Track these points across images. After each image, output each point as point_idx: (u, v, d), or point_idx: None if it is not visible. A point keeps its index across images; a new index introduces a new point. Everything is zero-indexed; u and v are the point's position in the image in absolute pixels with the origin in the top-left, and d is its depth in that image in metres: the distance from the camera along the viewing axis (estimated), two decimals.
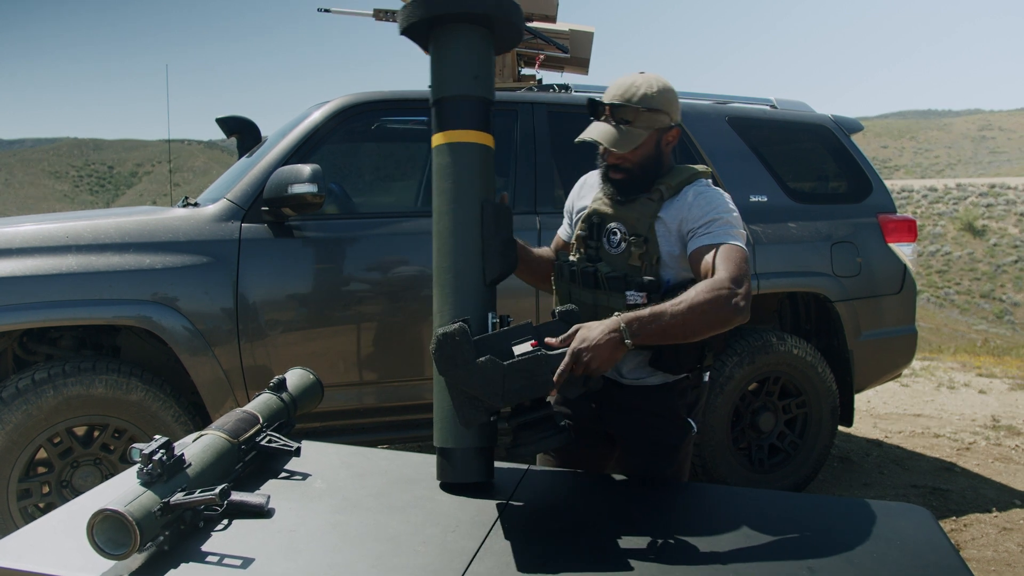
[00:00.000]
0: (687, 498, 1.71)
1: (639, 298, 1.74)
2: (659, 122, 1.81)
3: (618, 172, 1.83)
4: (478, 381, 1.47)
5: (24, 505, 2.66)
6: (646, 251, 1.79)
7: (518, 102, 3.39)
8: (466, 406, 1.50)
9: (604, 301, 1.80)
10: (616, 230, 1.84)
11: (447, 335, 1.48)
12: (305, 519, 1.45)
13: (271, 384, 1.86)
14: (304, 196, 2.71)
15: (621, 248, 1.83)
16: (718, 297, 1.60)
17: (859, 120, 4.16)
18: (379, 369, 3.07)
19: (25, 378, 2.61)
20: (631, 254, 1.80)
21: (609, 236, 1.86)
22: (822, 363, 3.66)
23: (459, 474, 1.66)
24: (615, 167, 1.83)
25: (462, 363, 1.47)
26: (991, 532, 3.41)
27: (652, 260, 1.79)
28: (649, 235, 1.79)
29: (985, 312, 31.22)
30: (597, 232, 1.87)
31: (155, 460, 1.33)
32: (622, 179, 1.83)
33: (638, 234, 1.80)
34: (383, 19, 4.15)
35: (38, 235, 2.73)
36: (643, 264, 1.79)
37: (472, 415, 1.50)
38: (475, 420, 1.51)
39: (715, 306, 1.59)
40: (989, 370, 7.39)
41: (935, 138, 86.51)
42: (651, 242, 1.79)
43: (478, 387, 1.47)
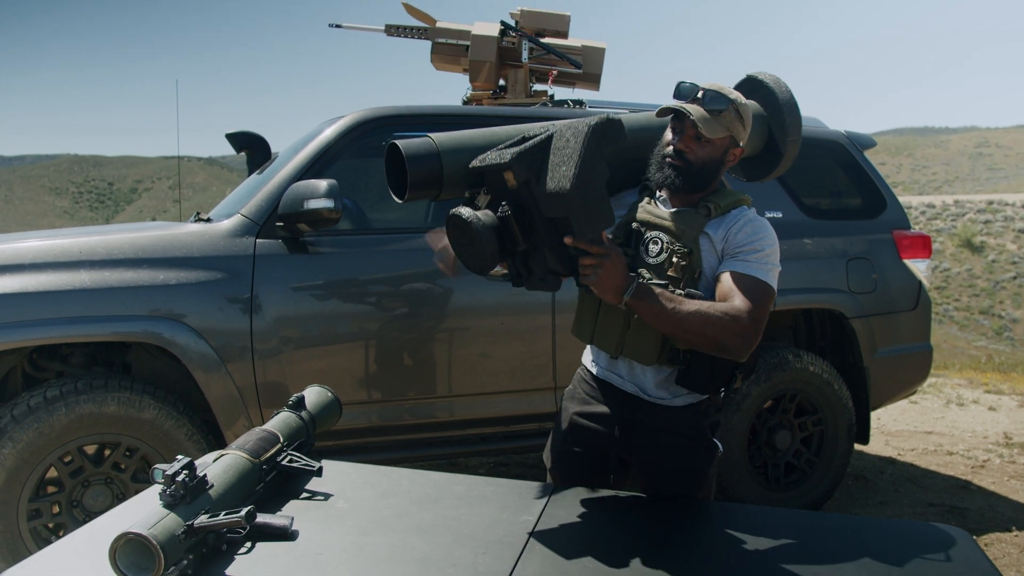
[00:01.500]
0: (719, 519, 1.67)
1: None
2: (736, 131, 1.80)
3: (680, 160, 1.77)
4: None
5: (34, 525, 2.61)
6: (689, 263, 1.74)
7: (532, 117, 3.37)
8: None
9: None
10: (657, 239, 1.79)
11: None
12: (330, 541, 1.41)
13: (290, 402, 1.83)
14: (320, 212, 2.68)
15: (662, 258, 1.77)
16: (731, 323, 1.61)
17: None
18: (394, 386, 3.04)
19: (37, 395, 2.57)
20: (672, 264, 1.75)
21: (648, 245, 1.80)
22: (838, 380, 3.62)
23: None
24: (680, 154, 1.77)
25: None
26: (1013, 552, 3.36)
27: (694, 274, 1.74)
28: (694, 247, 1.75)
29: (984, 328, 31.21)
30: (635, 240, 1.82)
31: (178, 481, 1.29)
32: (681, 168, 1.77)
33: (683, 245, 1.75)
34: (395, 35, 4.16)
35: (50, 251, 2.71)
36: (683, 276, 1.74)
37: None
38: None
39: (722, 330, 1.60)
40: (997, 387, 7.35)
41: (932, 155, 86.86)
42: (695, 255, 1.74)
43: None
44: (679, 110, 1.76)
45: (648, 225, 1.82)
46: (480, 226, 1.53)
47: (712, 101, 1.75)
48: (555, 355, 3.21)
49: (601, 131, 1.52)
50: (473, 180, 1.65)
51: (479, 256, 1.57)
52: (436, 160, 1.62)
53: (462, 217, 1.56)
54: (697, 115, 1.74)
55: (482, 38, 3.93)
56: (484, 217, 1.56)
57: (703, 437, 1.85)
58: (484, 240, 1.54)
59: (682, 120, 1.77)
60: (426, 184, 1.64)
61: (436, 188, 1.66)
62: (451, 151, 1.64)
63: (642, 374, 1.85)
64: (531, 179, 1.53)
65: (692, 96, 1.78)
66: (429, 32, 4.15)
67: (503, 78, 4.07)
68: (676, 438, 1.83)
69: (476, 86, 4.03)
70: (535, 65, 4.02)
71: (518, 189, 1.55)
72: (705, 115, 1.75)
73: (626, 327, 1.76)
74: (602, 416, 1.89)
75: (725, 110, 1.76)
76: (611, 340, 1.80)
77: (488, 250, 1.55)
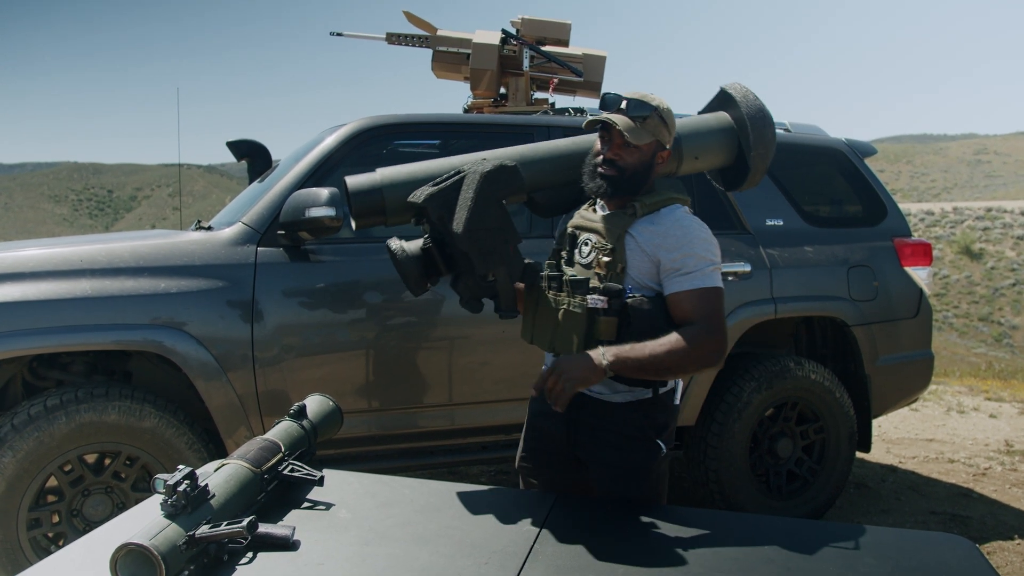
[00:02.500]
0: (722, 528, 1.67)
1: (600, 302, 1.77)
2: (662, 136, 1.89)
3: (611, 168, 1.86)
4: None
5: (33, 535, 2.60)
6: (612, 260, 1.83)
7: (534, 125, 3.37)
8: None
9: (565, 304, 1.83)
10: (587, 240, 1.90)
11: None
12: (332, 551, 1.41)
13: (291, 411, 1.82)
14: (322, 220, 2.68)
15: (590, 258, 1.88)
16: (702, 346, 1.75)
17: None
18: (395, 395, 3.03)
19: (37, 404, 2.56)
20: (598, 262, 1.85)
21: (580, 247, 1.92)
22: (840, 388, 3.62)
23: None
24: (610, 163, 1.86)
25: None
26: (1015, 560, 3.35)
27: (616, 269, 1.83)
28: (617, 245, 1.84)
29: (984, 335, 31.21)
30: (570, 243, 1.94)
31: (179, 491, 1.29)
32: (613, 176, 1.86)
33: (607, 243, 1.85)
34: (396, 43, 4.16)
35: (51, 259, 2.70)
36: (608, 272, 1.83)
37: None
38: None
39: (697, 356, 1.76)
40: (997, 394, 7.33)
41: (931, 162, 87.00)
42: (618, 252, 1.84)
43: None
44: (606, 121, 1.84)
45: (581, 229, 1.94)
46: (402, 256, 1.79)
47: (636, 108, 1.85)
48: None
49: (492, 178, 1.73)
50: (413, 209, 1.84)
51: (407, 280, 1.82)
52: (378, 194, 1.86)
53: (390, 248, 1.82)
54: (623, 124, 1.83)
55: (483, 46, 3.93)
56: (409, 248, 1.81)
57: (644, 436, 1.91)
58: (405, 269, 1.80)
59: (609, 130, 1.86)
60: (369, 214, 1.88)
61: (380, 216, 1.89)
62: (392, 185, 1.86)
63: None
64: (444, 216, 1.73)
65: (616, 106, 1.87)
66: (430, 40, 4.15)
67: (504, 86, 4.08)
68: (617, 436, 1.91)
69: (477, 94, 4.03)
70: (536, 73, 4.02)
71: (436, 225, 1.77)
72: (631, 123, 1.84)
73: (556, 325, 1.85)
74: (553, 416, 1.95)
75: (649, 116, 1.85)
76: (545, 338, 1.91)
77: (410, 276, 1.80)
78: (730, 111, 2.10)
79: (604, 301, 1.77)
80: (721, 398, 3.42)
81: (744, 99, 2.06)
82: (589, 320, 1.78)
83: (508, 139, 3.37)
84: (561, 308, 1.83)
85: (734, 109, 2.09)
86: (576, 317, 1.79)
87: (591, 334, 1.78)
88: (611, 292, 1.78)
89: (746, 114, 2.05)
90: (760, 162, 2.07)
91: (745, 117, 2.04)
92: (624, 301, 1.78)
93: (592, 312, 1.77)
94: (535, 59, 3.99)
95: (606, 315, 1.77)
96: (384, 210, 1.86)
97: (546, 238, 3.18)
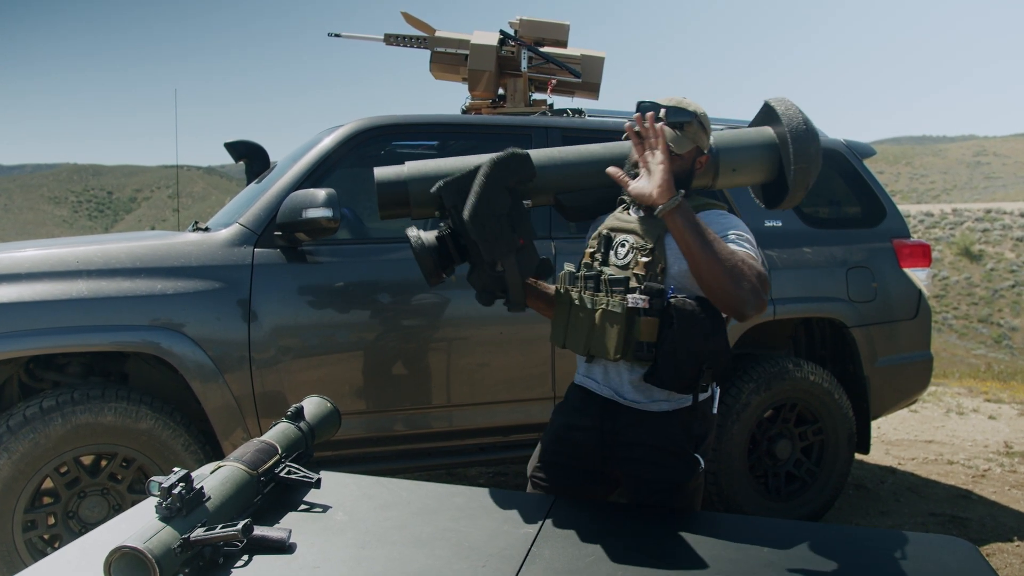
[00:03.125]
0: (720, 530, 1.66)
1: (641, 301, 1.71)
2: (701, 141, 1.86)
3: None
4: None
5: (29, 537, 2.59)
6: (651, 260, 1.78)
7: (532, 126, 3.37)
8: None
9: (604, 304, 1.77)
10: (624, 242, 1.85)
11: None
12: (328, 554, 1.40)
13: (288, 413, 1.81)
14: (319, 221, 2.67)
15: (628, 259, 1.83)
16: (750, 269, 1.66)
17: None
18: (393, 397, 3.02)
19: (33, 406, 2.55)
20: (637, 263, 1.80)
21: (617, 249, 1.86)
22: (839, 389, 3.61)
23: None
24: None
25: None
26: (1015, 563, 3.34)
27: (656, 270, 1.78)
28: (656, 246, 1.79)
29: (983, 337, 31.24)
30: (606, 245, 1.88)
31: (174, 494, 1.28)
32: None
33: (648, 245, 1.80)
34: (394, 44, 4.16)
35: (48, 260, 2.69)
36: (647, 273, 1.78)
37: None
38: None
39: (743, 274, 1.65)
40: (996, 395, 7.33)
41: (930, 164, 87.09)
42: (657, 252, 1.79)
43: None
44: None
45: (617, 231, 1.89)
46: (418, 246, 1.79)
47: (676, 115, 1.83)
48: (554, 365, 3.20)
49: (502, 164, 1.71)
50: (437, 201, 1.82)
51: (423, 270, 1.82)
52: (402, 186, 1.87)
53: (408, 235, 1.82)
54: (668, 135, 1.80)
55: (481, 47, 3.93)
56: (425, 238, 1.80)
57: (680, 450, 1.83)
58: (420, 258, 1.80)
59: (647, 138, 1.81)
60: (394, 205, 1.89)
61: (405, 208, 1.89)
62: (418, 178, 1.87)
63: (616, 376, 1.86)
64: (458, 204, 1.72)
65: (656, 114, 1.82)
66: (428, 41, 4.15)
67: (502, 87, 4.07)
68: (654, 452, 1.83)
69: (475, 95, 4.02)
70: (534, 74, 4.02)
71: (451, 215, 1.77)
72: (672, 132, 1.82)
73: (592, 326, 1.79)
74: (585, 428, 1.90)
75: (690, 123, 1.83)
76: (580, 340, 1.84)
77: (426, 265, 1.80)
78: (774, 126, 2.04)
79: (645, 300, 1.71)
80: (720, 399, 3.41)
81: (786, 113, 1.99)
82: (628, 320, 1.71)
83: (506, 140, 3.36)
84: (599, 308, 1.77)
85: (777, 124, 2.02)
86: (615, 317, 1.73)
87: (631, 335, 1.72)
88: (652, 292, 1.72)
89: (787, 128, 1.98)
90: (801, 178, 1.98)
91: (786, 131, 1.98)
92: (667, 301, 1.72)
93: (632, 312, 1.71)
94: (533, 60, 3.99)
95: (647, 315, 1.71)
96: (408, 202, 1.87)
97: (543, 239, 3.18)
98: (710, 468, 3.42)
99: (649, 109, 1.83)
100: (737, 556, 1.48)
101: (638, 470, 1.84)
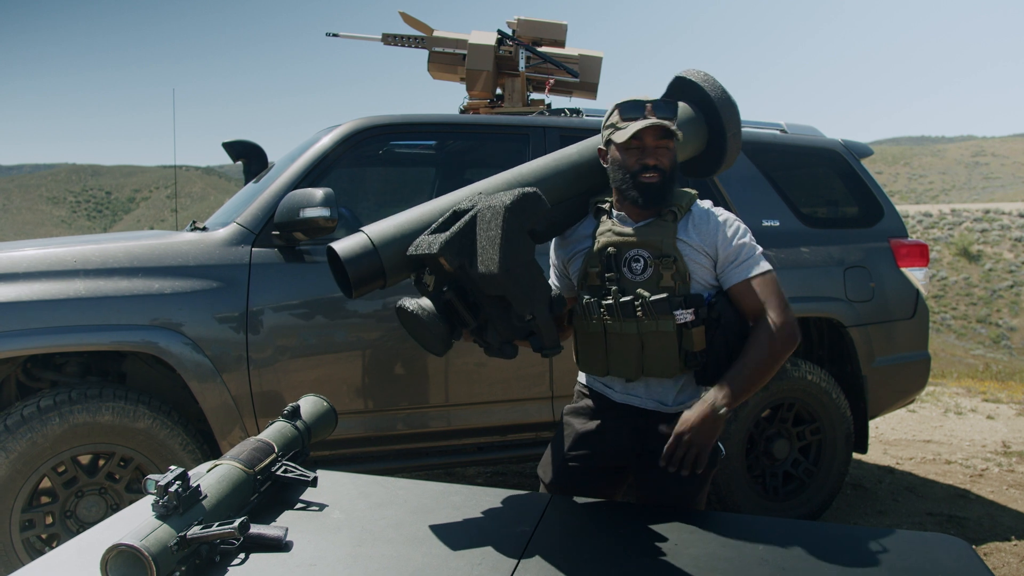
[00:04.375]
0: (717, 529, 1.66)
1: (687, 315, 1.75)
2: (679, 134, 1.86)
3: (655, 174, 1.80)
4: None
5: (27, 536, 2.58)
6: (676, 270, 1.78)
7: (530, 126, 3.37)
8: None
9: (651, 328, 1.77)
10: (638, 256, 1.81)
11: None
12: (324, 552, 1.40)
13: (285, 412, 1.82)
14: (316, 220, 2.67)
15: (648, 273, 1.80)
16: (785, 337, 1.76)
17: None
18: (390, 396, 3.02)
19: (30, 405, 2.55)
20: (662, 275, 1.79)
21: (630, 264, 1.82)
22: (836, 389, 3.61)
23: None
24: (654, 168, 1.80)
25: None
26: (1012, 561, 3.34)
27: (685, 278, 1.79)
28: (676, 255, 1.79)
29: (982, 337, 31.27)
30: (616, 263, 1.83)
31: (171, 492, 1.28)
32: (658, 182, 1.80)
33: (666, 255, 1.79)
34: (392, 44, 4.16)
35: (46, 259, 2.69)
36: (676, 283, 1.78)
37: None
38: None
39: (781, 349, 1.76)
40: (994, 395, 7.34)
41: (929, 164, 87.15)
42: (680, 261, 1.79)
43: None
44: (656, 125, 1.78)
45: (623, 246, 1.83)
46: (426, 315, 1.61)
47: (665, 109, 1.83)
48: (552, 364, 3.20)
49: (519, 208, 1.57)
50: (414, 264, 1.70)
51: (432, 340, 1.65)
52: (375, 256, 1.69)
53: (407, 310, 1.64)
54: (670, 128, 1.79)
55: (479, 47, 3.93)
56: (426, 305, 1.63)
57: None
58: (432, 326, 1.61)
59: (642, 137, 1.79)
60: (369, 279, 1.71)
61: (380, 279, 1.72)
62: (387, 243, 1.70)
63: (660, 387, 1.87)
64: (464, 263, 1.58)
65: (642, 113, 1.81)
66: (426, 41, 4.15)
67: (500, 87, 4.07)
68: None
69: (473, 95, 4.03)
70: (532, 74, 4.02)
71: (455, 273, 1.61)
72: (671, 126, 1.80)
73: (641, 350, 1.80)
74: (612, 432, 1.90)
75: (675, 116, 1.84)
76: (629, 366, 1.83)
77: (439, 334, 1.62)
78: (692, 98, 2.04)
79: (691, 314, 1.75)
80: None
81: (710, 85, 2.01)
82: (679, 336, 1.77)
83: (504, 140, 3.36)
84: (648, 332, 1.78)
85: (701, 95, 2.02)
86: (668, 336, 1.77)
87: (683, 349, 1.78)
88: (695, 302, 1.77)
89: (714, 98, 2.00)
90: (735, 143, 2.03)
91: (714, 100, 2.00)
92: (709, 306, 1.78)
93: (681, 327, 1.76)
94: (531, 60, 4.00)
95: (694, 326, 1.76)
96: (383, 272, 1.70)
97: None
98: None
99: (635, 107, 1.82)
100: (734, 554, 1.48)
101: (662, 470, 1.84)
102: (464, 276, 1.60)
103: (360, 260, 1.69)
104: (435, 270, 1.66)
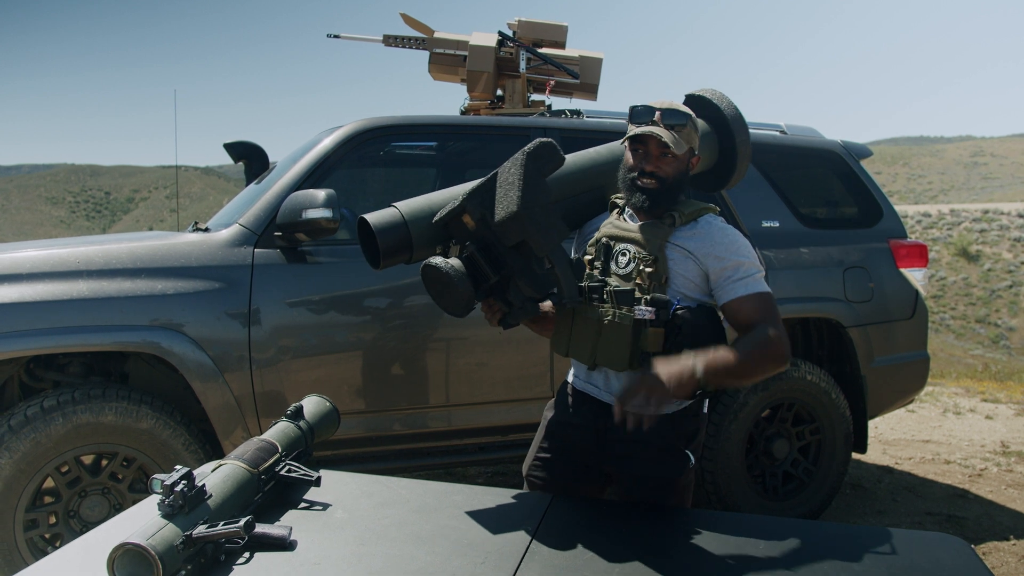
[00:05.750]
0: (717, 528, 1.67)
1: (647, 313, 1.75)
2: (694, 142, 1.88)
3: (652, 179, 1.83)
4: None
5: (30, 536, 2.60)
6: (655, 270, 1.80)
7: (531, 127, 3.38)
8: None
9: (610, 316, 1.80)
10: (626, 250, 1.86)
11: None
12: (328, 551, 1.41)
13: (288, 412, 1.83)
14: (319, 221, 2.69)
15: (630, 268, 1.84)
16: (771, 348, 1.74)
17: None
18: (392, 396, 3.03)
19: (34, 405, 2.56)
20: (639, 272, 1.82)
21: (617, 257, 1.87)
22: (836, 389, 3.63)
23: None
24: (651, 174, 1.83)
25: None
26: (1011, 561, 3.36)
27: (660, 280, 1.81)
28: (659, 255, 1.81)
29: (981, 337, 31.28)
30: (605, 253, 1.89)
31: (176, 491, 1.29)
32: (655, 188, 1.83)
33: (648, 254, 1.82)
34: (393, 45, 4.16)
35: (48, 260, 2.70)
36: (650, 283, 1.80)
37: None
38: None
39: (769, 359, 1.74)
40: (993, 395, 7.35)
41: (928, 164, 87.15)
42: (660, 262, 1.81)
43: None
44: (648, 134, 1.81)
45: (617, 239, 1.89)
46: (453, 271, 1.67)
47: (673, 117, 1.83)
48: (552, 364, 3.21)
49: (536, 154, 1.67)
50: (441, 238, 1.79)
51: (456, 299, 1.70)
52: (404, 227, 1.78)
53: (434, 265, 1.69)
54: (668, 137, 1.81)
55: (480, 48, 3.94)
56: (456, 263, 1.70)
57: (672, 447, 1.87)
58: (458, 282, 1.66)
59: (646, 143, 1.83)
60: (398, 250, 1.79)
61: (407, 252, 1.80)
62: (416, 218, 1.79)
63: (617, 382, 1.88)
64: (485, 214, 1.67)
65: (649, 118, 1.84)
66: (427, 42, 4.16)
67: (501, 88, 4.08)
68: (649, 449, 1.86)
69: (474, 96, 4.04)
70: (533, 75, 4.03)
71: (478, 228, 1.69)
72: (672, 136, 1.82)
73: (597, 336, 1.82)
74: (579, 427, 1.93)
75: (685, 125, 1.84)
76: (585, 350, 1.86)
77: (463, 290, 1.67)
78: (705, 115, 2.13)
79: (652, 312, 1.75)
80: (717, 399, 3.43)
81: (722, 102, 2.12)
82: (635, 332, 1.76)
83: (505, 141, 3.37)
84: (605, 319, 1.80)
85: (713, 112, 2.12)
86: (622, 329, 1.77)
87: (637, 345, 1.77)
88: (659, 303, 1.76)
89: (727, 114, 2.10)
90: (744, 159, 2.12)
91: (727, 117, 2.10)
92: (673, 312, 1.77)
93: (638, 323, 1.75)
94: (531, 61, 4.00)
95: (653, 326, 1.75)
96: (411, 244, 1.79)
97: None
98: (708, 467, 3.43)
99: (645, 112, 1.84)
100: (734, 554, 1.49)
101: (631, 466, 1.87)
102: (486, 229, 1.68)
103: (390, 231, 1.77)
104: (460, 236, 1.75)
